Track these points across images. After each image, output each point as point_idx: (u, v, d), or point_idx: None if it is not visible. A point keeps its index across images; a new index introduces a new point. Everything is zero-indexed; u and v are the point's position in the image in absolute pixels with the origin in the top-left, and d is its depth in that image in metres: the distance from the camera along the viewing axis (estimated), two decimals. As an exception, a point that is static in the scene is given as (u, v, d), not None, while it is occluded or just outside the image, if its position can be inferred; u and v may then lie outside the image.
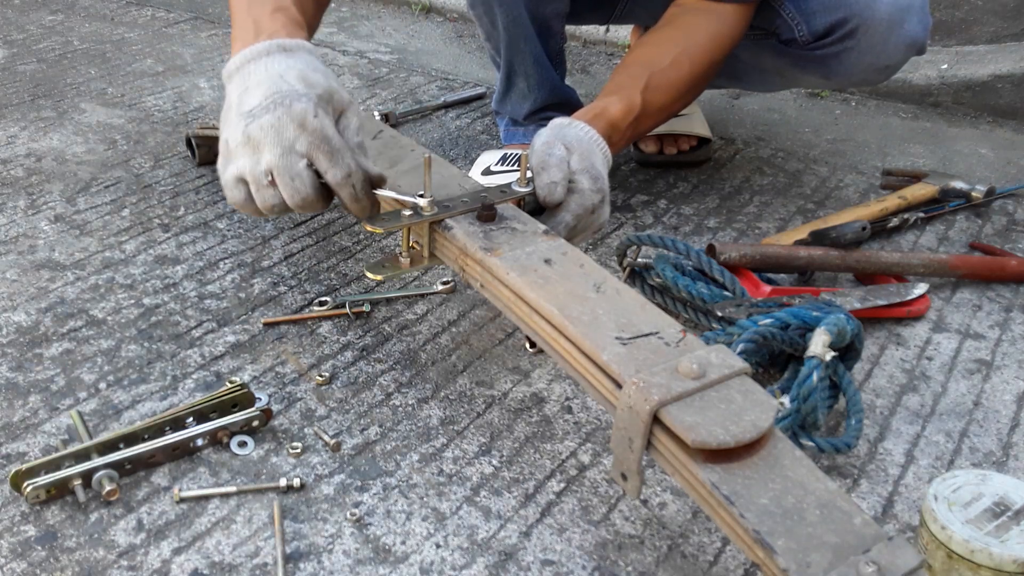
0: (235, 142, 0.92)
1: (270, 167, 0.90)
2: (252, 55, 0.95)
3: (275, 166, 0.90)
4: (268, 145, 0.90)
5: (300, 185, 0.91)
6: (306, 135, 0.90)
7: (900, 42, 1.30)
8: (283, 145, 0.90)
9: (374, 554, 0.84)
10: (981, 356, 1.15)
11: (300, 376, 1.06)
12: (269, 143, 0.90)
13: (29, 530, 0.85)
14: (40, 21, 2.30)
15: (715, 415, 0.71)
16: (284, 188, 0.91)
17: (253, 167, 0.91)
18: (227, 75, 0.97)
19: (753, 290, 1.17)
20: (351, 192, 0.93)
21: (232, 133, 0.92)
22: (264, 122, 0.90)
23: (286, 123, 0.89)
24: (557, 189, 1.01)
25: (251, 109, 0.91)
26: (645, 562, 0.84)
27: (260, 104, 0.91)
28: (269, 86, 0.92)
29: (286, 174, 0.90)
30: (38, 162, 1.56)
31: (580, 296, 0.85)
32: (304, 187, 0.91)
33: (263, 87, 0.92)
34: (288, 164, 0.90)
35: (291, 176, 0.90)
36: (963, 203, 1.49)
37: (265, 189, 0.92)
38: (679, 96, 1.25)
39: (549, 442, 0.98)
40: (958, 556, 0.76)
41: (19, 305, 1.17)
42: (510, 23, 1.43)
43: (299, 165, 0.90)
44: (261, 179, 0.91)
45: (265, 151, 0.90)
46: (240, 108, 0.92)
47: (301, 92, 0.91)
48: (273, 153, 0.90)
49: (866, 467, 0.96)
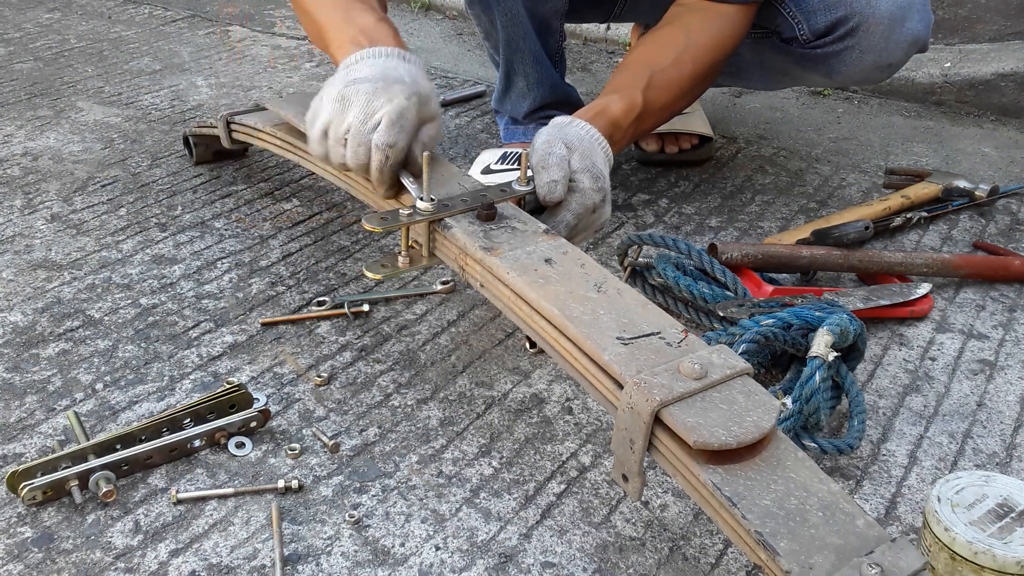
0: (329, 98, 0.99)
1: (348, 127, 0.97)
2: (373, 54, 1.02)
3: (353, 127, 0.96)
4: (355, 107, 0.96)
5: (363, 152, 0.97)
6: (389, 106, 0.96)
7: (902, 40, 1.29)
8: (368, 111, 0.96)
9: (373, 556, 0.83)
10: (985, 356, 1.14)
11: (298, 377, 1.06)
12: (357, 106, 0.96)
13: (25, 532, 0.84)
14: (37, 19, 2.29)
15: (717, 416, 0.71)
16: (350, 150, 0.97)
17: (337, 124, 0.98)
18: (343, 65, 1.03)
19: (755, 290, 1.17)
20: (381, 160, 0.97)
21: (329, 91, 0.99)
22: (361, 88, 0.97)
23: (379, 94, 0.96)
24: (557, 188, 1.00)
25: (356, 78, 0.98)
26: (646, 564, 0.83)
27: (366, 76, 0.98)
28: (382, 70, 0.99)
29: (355, 139, 0.97)
30: (34, 161, 1.56)
31: (581, 296, 0.84)
32: (366, 155, 0.97)
33: (376, 69, 1.00)
34: (362, 131, 0.96)
35: (358, 143, 0.97)
36: (966, 202, 1.48)
37: (338, 147, 0.98)
38: (681, 95, 1.24)
39: (549, 443, 0.97)
40: (961, 558, 0.75)
41: (15, 305, 1.17)
42: (508, 21, 1.43)
43: (369, 136, 0.97)
44: (340, 137, 0.98)
45: (351, 112, 0.97)
46: (347, 76, 1.00)
47: (407, 82, 0.99)
48: (356, 116, 0.96)
49: (869, 468, 0.96)
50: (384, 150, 0.97)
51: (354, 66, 1.01)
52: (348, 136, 0.97)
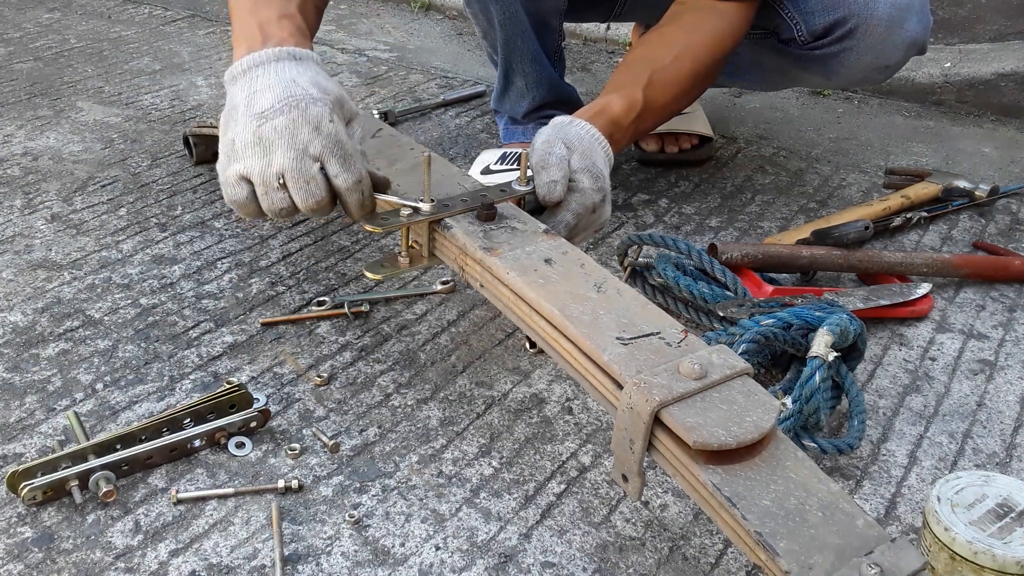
0: (244, 142, 0.90)
1: (282, 170, 0.90)
2: (261, 60, 0.94)
3: (288, 169, 0.89)
4: (282, 147, 0.89)
5: (315, 188, 0.91)
6: (320, 138, 0.90)
7: (900, 42, 1.29)
8: (297, 148, 0.89)
9: (373, 556, 0.83)
10: (985, 356, 1.14)
11: (298, 377, 1.06)
12: (283, 145, 0.89)
13: (26, 532, 0.84)
14: (37, 19, 2.29)
15: (717, 416, 0.71)
16: (297, 191, 0.91)
17: (264, 169, 0.90)
18: (231, 77, 0.96)
19: (755, 290, 1.17)
20: (359, 198, 0.93)
21: (241, 133, 0.91)
22: (278, 123, 0.89)
23: (301, 125, 0.89)
24: (557, 188, 1.00)
25: (263, 111, 0.90)
26: (646, 564, 0.83)
27: (273, 106, 0.90)
28: (282, 90, 0.91)
29: (300, 177, 0.90)
30: (34, 161, 1.56)
31: (581, 296, 0.84)
32: (319, 190, 0.91)
33: (275, 90, 0.91)
34: (302, 167, 0.90)
35: (305, 180, 0.90)
36: (966, 202, 1.48)
37: (275, 192, 0.91)
38: (681, 94, 1.24)
39: (549, 443, 0.97)
40: (961, 558, 0.75)
41: (15, 305, 1.17)
42: (506, 20, 1.43)
43: (313, 168, 0.90)
44: (272, 182, 0.90)
45: (278, 153, 0.89)
46: (250, 109, 0.91)
47: (316, 96, 0.91)
48: (287, 156, 0.89)
49: (869, 468, 0.96)
50: (356, 189, 0.92)
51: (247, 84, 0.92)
52: (286, 178, 0.90)
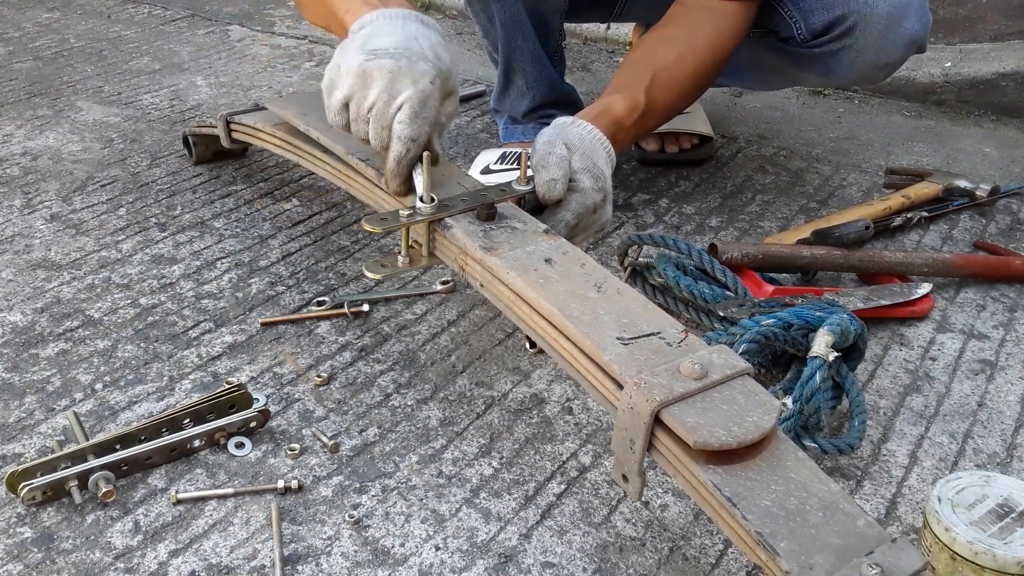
0: (348, 70, 0.95)
1: (372, 105, 0.94)
2: (388, 15, 0.98)
3: (376, 108, 0.94)
4: (379, 86, 0.93)
5: (387, 136, 0.95)
6: (412, 90, 0.94)
7: (899, 40, 1.29)
8: (391, 92, 0.93)
9: (373, 556, 0.83)
10: (985, 356, 1.14)
11: (298, 377, 1.06)
12: (380, 85, 0.93)
13: (25, 532, 0.84)
14: (36, 19, 2.29)
15: (717, 416, 0.71)
16: (373, 131, 0.96)
17: (359, 100, 0.95)
18: (356, 27, 0.99)
19: (755, 290, 1.17)
20: (400, 151, 0.95)
21: (348, 61, 0.95)
22: (385, 64, 0.93)
23: (404, 74, 0.93)
24: (557, 187, 1.00)
25: (376, 48, 0.94)
26: (646, 564, 0.83)
27: (387, 48, 0.94)
28: (403, 39, 0.96)
29: (379, 120, 0.95)
30: (34, 161, 1.55)
31: (581, 296, 0.84)
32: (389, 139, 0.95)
33: (396, 36, 0.96)
34: (386, 111, 0.94)
35: (383, 125, 0.95)
36: (967, 202, 1.48)
37: (361, 123, 0.96)
38: (683, 94, 1.24)
39: (549, 443, 0.97)
40: (962, 558, 0.75)
41: (15, 305, 1.16)
42: (507, 19, 1.43)
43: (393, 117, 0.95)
44: (363, 113, 0.95)
45: (373, 89, 0.94)
46: (366, 45, 0.95)
47: (428, 57, 0.95)
48: (380, 96, 0.94)
49: (869, 468, 0.96)
50: (406, 143, 0.95)
51: (370, 29, 0.97)
52: (371, 116, 0.95)
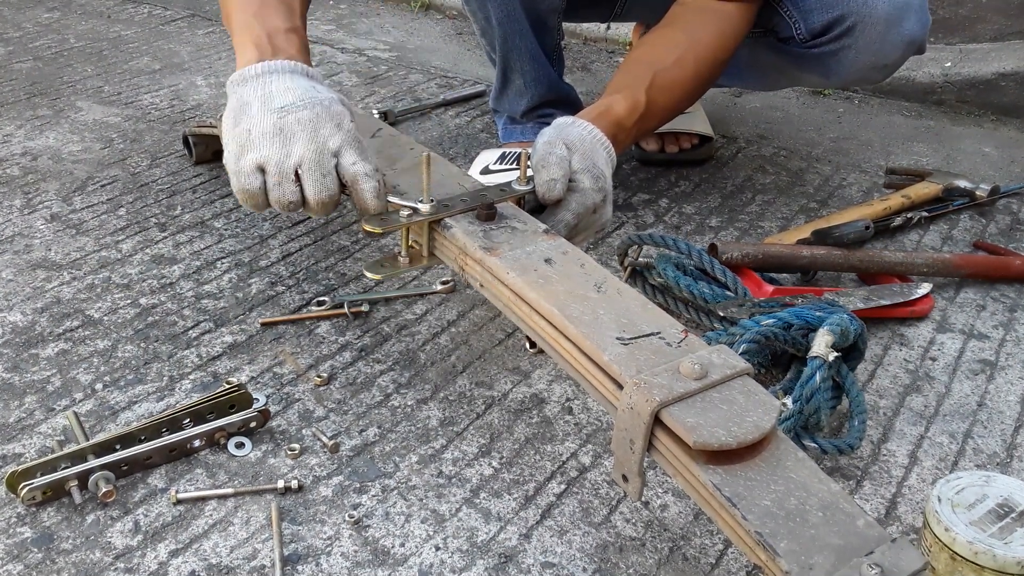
0: (261, 132, 0.92)
1: (301, 160, 0.92)
2: (276, 68, 0.96)
3: (307, 161, 0.92)
4: (303, 139, 0.91)
5: (330, 182, 0.93)
6: (341, 134, 0.93)
7: (898, 41, 1.29)
8: (318, 141, 0.92)
9: (373, 556, 0.83)
10: (985, 356, 1.14)
11: (298, 377, 1.06)
12: (305, 138, 0.91)
13: (25, 532, 0.84)
14: (36, 19, 2.29)
15: (717, 416, 0.71)
16: (311, 183, 0.92)
17: (282, 159, 0.92)
18: (241, 79, 0.96)
19: (755, 290, 1.17)
20: (375, 186, 0.94)
21: (258, 124, 0.92)
22: (302, 116, 0.92)
23: (324, 120, 0.92)
24: (556, 186, 1.00)
25: (284, 105, 0.93)
26: (646, 564, 0.83)
27: (295, 103, 0.93)
28: (303, 92, 0.94)
29: (317, 170, 0.92)
30: (34, 161, 1.55)
31: (581, 296, 0.84)
32: (333, 184, 0.93)
33: (295, 92, 0.94)
34: (321, 160, 0.92)
35: (322, 173, 0.92)
36: (967, 202, 1.48)
37: (288, 184, 0.93)
38: (684, 95, 1.24)
39: (549, 443, 0.97)
40: (962, 558, 0.75)
41: (15, 305, 1.16)
42: (504, 19, 1.42)
43: (331, 163, 0.93)
44: (288, 172, 0.92)
45: (298, 145, 0.92)
46: (268, 105, 0.93)
47: (336, 100, 0.95)
48: (308, 148, 0.92)
49: (869, 468, 0.96)
50: (374, 176, 0.94)
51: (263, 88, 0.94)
52: (302, 169, 0.92)
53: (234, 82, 0.97)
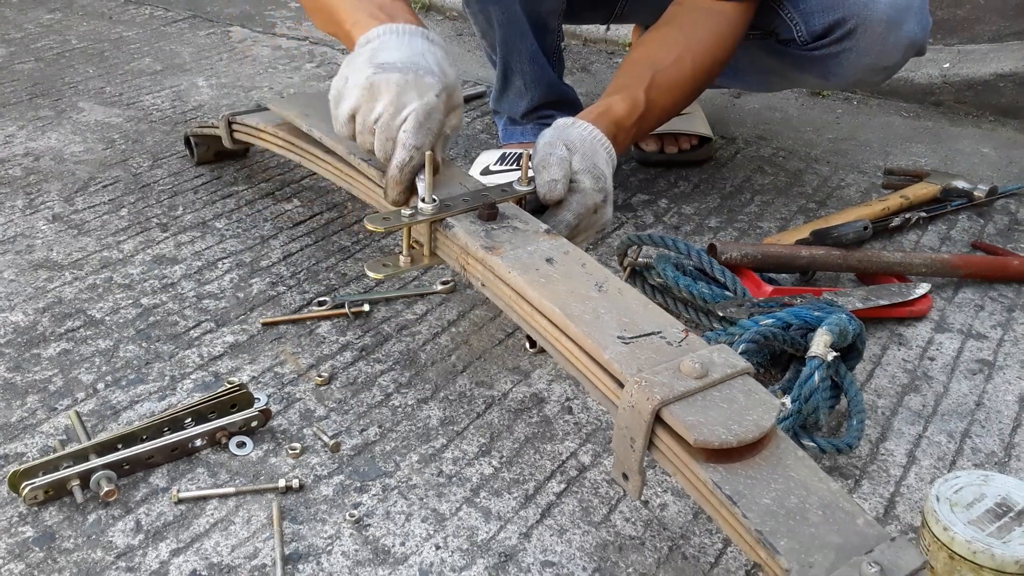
0: (355, 83, 0.97)
1: (378, 118, 0.96)
2: (395, 30, 1.00)
3: (381, 121, 0.96)
4: (385, 99, 0.95)
5: (391, 147, 0.97)
6: (418, 103, 0.96)
7: (899, 43, 1.29)
8: (396, 105, 0.96)
9: (373, 555, 0.83)
10: (983, 356, 1.14)
11: (299, 376, 1.06)
12: (387, 98, 0.95)
13: (27, 531, 0.84)
14: (38, 19, 2.29)
15: (717, 415, 0.71)
16: (379, 143, 0.98)
17: (366, 112, 0.97)
18: (363, 41, 1.00)
19: (754, 290, 1.17)
20: (403, 159, 0.97)
21: (356, 74, 0.97)
22: (392, 78, 0.95)
23: (410, 88, 0.96)
24: (557, 187, 1.00)
25: (384, 63, 0.96)
26: (646, 563, 0.84)
27: (395, 62, 0.96)
28: (410, 54, 0.98)
29: (384, 133, 0.97)
30: (36, 161, 1.56)
31: (582, 295, 0.84)
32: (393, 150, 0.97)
33: (403, 51, 0.98)
34: (393, 125, 0.96)
35: (387, 137, 0.97)
36: (965, 202, 1.49)
37: (367, 136, 0.98)
38: (683, 95, 1.24)
39: (549, 443, 0.98)
40: (960, 557, 0.76)
41: (17, 305, 1.17)
42: (505, 20, 1.43)
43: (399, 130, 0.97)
44: (369, 124, 0.97)
45: (380, 102, 0.96)
46: (373, 58, 0.97)
47: (435, 72, 0.98)
48: (386, 109, 0.96)
49: (868, 467, 0.96)
50: (410, 150, 0.97)
51: (378, 43, 0.99)
52: (377, 127, 0.97)
53: (359, 45, 1.01)
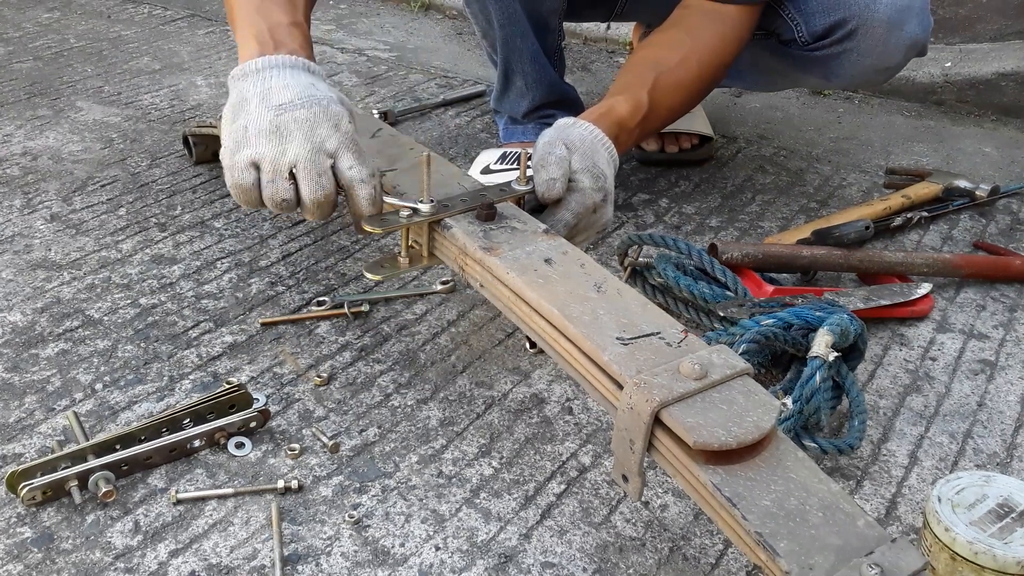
0: (258, 129, 0.91)
1: (296, 159, 0.91)
2: (276, 63, 0.95)
3: (302, 159, 0.91)
4: (299, 138, 0.90)
5: (325, 182, 0.92)
6: (338, 135, 0.92)
7: (900, 43, 1.29)
8: (314, 141, 0.91)
9: (373, 556, 0.83)
10: (985, 356, 1.14)
11: (298, 377, 1.06)
12: (301, 136, 0.90)
13: (25, 532, 0.84)
14: (36, 19, 2.29)
15: (717, 416, 0.71)
16: (307, 183, 0.91)
17: (276, 157, 0.91)
18: (241, 73, 0.96)
19: (755, 290, 1.17)
20: (370, 192, 0.94)
21: (255, 121, 0.92)
22: (299, 115, 0.91)
23: (321, 120, 0.91)
24: (556, 186, 1.00)
25: (282, 103, 0.92)
26: (646, 564, 0.83)
27: (292, 101, 0.92)
28: (302, 90, 0.93)
29: (313, 169, 0.91)
30: (34, 161, 1.55)
31: (581, 296, 0.84)
32: (328, 184, 0.92)
33: (294, 89, 0.93)
34: (316, 160, 0.91)
35: (318, 172, 0.91)
36: (967, 202, 1.48)
37: (282, 181, 0.91)
38: (687, 97, 1.24)
39: (549, 443, 0.97)
40: (962, 558, 0.75)
41: (15, 305, 1.16)
42: (506, 20, 1.43)
43: (326, 163, 0.92)
44: (283, 170, 0.91)
45: (294, 143, 0.90)
46: (267, 101, 0.92)
47: (335, 99, 0.94)
48: (303, 147, 0.91)
49: (869, 468, 0.96)
50: (370, 181, 0.93)
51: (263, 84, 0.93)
52: (297, 169, 0.91)
53: (235, 76, 0.96)
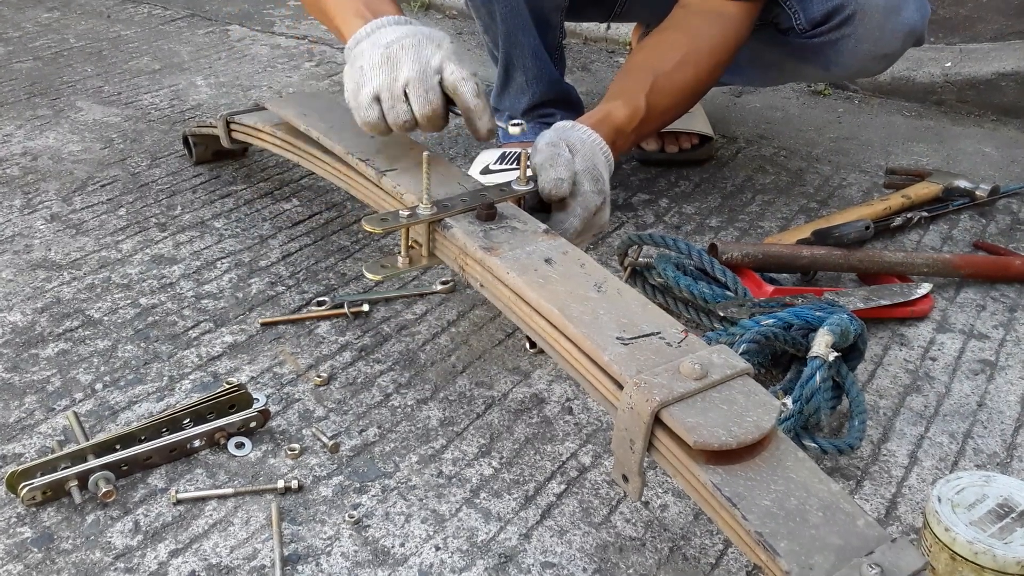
0: (372, 64, 1.00)
1: (408, 80, 0.99)
2: (382, 24, 1.04)
3: (412, 79, 0.99)
4: (408, 62, 0.99)
5: (433, 96, 1.00)
6: (441, 52, 1.01)
7: (898, 30, 1.30)
8: (421, 61, 1.00)
9: (373, 556, 0.83)
10: (985, 356, 1.14)
11: (298, 377, 1.06)
12: (409, 60, 0.99)
13: (25, 532, 0.84)
14: (36, 18, 2.29)
15: (717, 416, 0.71)
16: (416, 100, 1.00)
17: (391, 83, 1.00)
18: (354, 42, 1.04)
19: (755, 290, 1.17)
20: (474, 87, 1.01)
21: (369, 58, 1.01)
22: (406, 43, 1.00)
23: (425, 43, 1.01)
24: (563, 185, 1.00)
25: (389, 41, 1.01)
26: (646, 564, 0.83)
27: (398, 38, 1.01)
28: (406, 30, 1.02)
29: (421, 86, 0.99)
30: (34, 161, 1.55)
31: (581, 296, 0.84)
32: (436, 98, 1.00)
33: (400, 31, 1.02)
34: (425, 76, 0.99)
35: (426, 88, 1.00)
36: (967, 202, 1.48)
37: (400, 104, 1.00)
38: (684, 98, 1.24)
39: (549, 443, 0.97)
40: (962, 558, 0.75)
41: (15, 305, 1.16)
42: (508, 14, 1.43)
43: (434, 80, 1.00)
44: (398, 94, 1.00)
45: (404, 67, 0.99)
46: (376, 43, 1.01)
47: (437, 31, 1.03)
48: (412, 68, 0.99)
49: (869, 468, 0.96)
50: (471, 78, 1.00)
51: (372, 37, 1.03)
52: (409, 88, 0.99)
53: (349, 47, 1.05)
